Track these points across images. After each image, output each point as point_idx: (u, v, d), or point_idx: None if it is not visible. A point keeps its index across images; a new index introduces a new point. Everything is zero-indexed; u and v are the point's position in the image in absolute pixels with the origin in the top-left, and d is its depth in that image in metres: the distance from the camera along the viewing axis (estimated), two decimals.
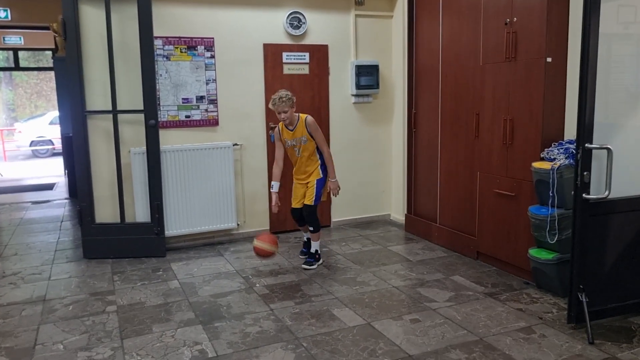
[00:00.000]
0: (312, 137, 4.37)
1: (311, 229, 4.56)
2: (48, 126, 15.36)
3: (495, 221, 4.31)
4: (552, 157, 3.66)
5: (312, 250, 4.61)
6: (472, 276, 4.22)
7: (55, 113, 15.20)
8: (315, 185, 4.44)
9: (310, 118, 4.40)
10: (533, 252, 3.78)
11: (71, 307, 3.75)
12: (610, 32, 3.21)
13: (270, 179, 4.80)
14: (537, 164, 3.69)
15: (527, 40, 3.86)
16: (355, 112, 5.79)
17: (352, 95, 5.72)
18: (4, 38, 9.85)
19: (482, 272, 4.31)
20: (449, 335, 3.21)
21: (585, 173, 3.02)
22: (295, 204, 4.58)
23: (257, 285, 4.13)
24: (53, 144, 15.14)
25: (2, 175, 10.59)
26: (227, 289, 4.05)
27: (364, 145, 5.88)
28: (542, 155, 3.77)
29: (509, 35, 3.98)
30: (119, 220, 4.89)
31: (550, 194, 3.54)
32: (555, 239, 3.57)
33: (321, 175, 4.45)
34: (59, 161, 11.78)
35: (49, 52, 12.87)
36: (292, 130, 4.37)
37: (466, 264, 4.53)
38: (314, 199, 4.44)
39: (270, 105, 4.33)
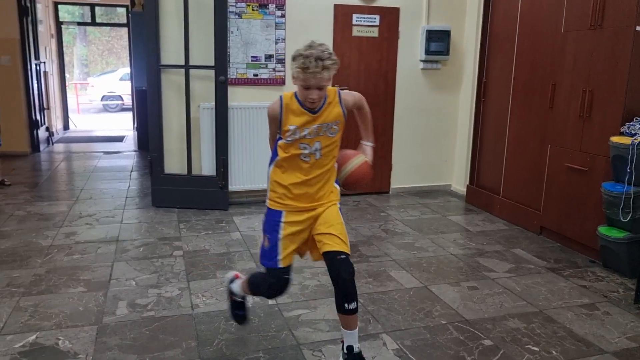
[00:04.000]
0: (354, 114, 2.53)
1: (353, 307, 2.28)
2: (118, 82, 15.97)
3: (564, 196, 4.17)
4: (633, 132, 3.49)
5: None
6: (534, 250, 4.14)
7: (125, 70, 15.77)
8: (340, 212, 2.41)
9: (345, 90, 2.47)
10: (603, 229, 3.65)
11: (141, 249, 3.97)
12: None
13: None
14: (615, 139, 3.53)
15: (616, 6, 3.64)
16: (423, 79, 5.69)
17: (421, 60, 5.61)
18: None
19: (544, 247, 4.21)
20: (507, 304, 3.19)
21: None
22: (286, 257, 2.38)
23: None
24: (122, 100, 15.76)
25: (76, 126, 11.16)
26: None
27: (429, 112, 5.78)
28: (622, 130, 3.59)
29: (596, 1, 3.76)
30: (186, 172, 5.09)
31: (628, 170, 3.39)
32: (629, 217, 3.43)
33: (339, 196, 2.48)
34: (128, 116, 12.29)
35: (121, 10, 13.28)
36: (314, 113, 2.29)
37: (528, 238, 4.44)
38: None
39: (297, 68, 2.20)
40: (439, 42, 5.54)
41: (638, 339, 2.81)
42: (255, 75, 5.19)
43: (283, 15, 5.16)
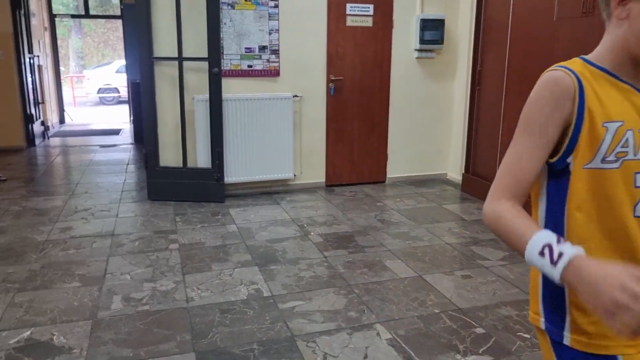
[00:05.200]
0: None
1: None
2: (114, 74, 15.91)
3: None
4: None
5: None
6: None
7: (121, 62, 15.70)
8: None
9: None
10: None
11: (137, 243, 3.99)
12: None
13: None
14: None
15: None
16: (418, 68, 5.67)
17: (416, 50, 5.59)
18: None
19: None
20: (501, 292, 3.21)
21: None
22: None
23: (312, 233, 4.23)
24: (119, 92, 15.71)
25: (72, 120, 11.14)
26: (282, 235, 4.17)
27: (424, 101, 5.77)
28: None
29: None
30: (181, 165, 5.09)
31: None
32: None
33: None
34: (125, 108, 12.26)
35: (116, 1, 13.20)
36: None
37: None
38: None
39: None
40: (433, 31, 5.52)
41: None
42: (250, 66, 5.17)
43: (276, 6, 5.13)
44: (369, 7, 5.36)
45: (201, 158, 5.08)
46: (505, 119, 4.90)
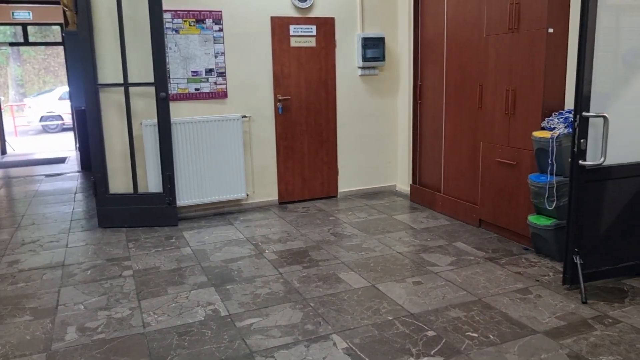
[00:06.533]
0: None
1: None
2: (57, 101, 15.50)
3: (497, 190, 4.43)
4: (552, 126, 3.75)
5: None
6: (474, 242, 4.36)
7: (64, 88, 15.34)
8: None
9: None
10: (532, 218, 3.91)
11: (89, 272, 3.94)
12: (619, 3, 3.28)
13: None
14: (537, 133, 3.79)
15: (530, 11, 3.92)
16: (362, 85, 5.87)
17: (359, 67, 5.79)
18: (13, 13, 9.94)
19: (483, 239, 4.45)
20: (449, 295, 3.37)
21: (582, 140, 3.12)
22: None
23: (267, 251, 4.30)
24: (63, 119, 15.31)
25: (14, 150, 10.79)
26: (237, 255, 4.22)
27: (370, 117, 5.97)
28: (542, 125, 3.86)
29: (512, 7, 4.03)
30: (132, 191, 5.06)
31: (550, 162, 3.65)
32: (554, 205, 3.70)
33: None
34: (70, 136, 11.97)
35: (57, 27, 12.93)
36: None
37: (468, 231, 4.67)
38: None
39: None
40: (374, 49, 5.74)
41: (566, 317, 3.04)
42: (197, 89, 5.22)
43: (221, 29, 5.22)
44: (311, 28, 5.53)
45: (152, 183, 5.07)
46: (446, 131, 5.15)
